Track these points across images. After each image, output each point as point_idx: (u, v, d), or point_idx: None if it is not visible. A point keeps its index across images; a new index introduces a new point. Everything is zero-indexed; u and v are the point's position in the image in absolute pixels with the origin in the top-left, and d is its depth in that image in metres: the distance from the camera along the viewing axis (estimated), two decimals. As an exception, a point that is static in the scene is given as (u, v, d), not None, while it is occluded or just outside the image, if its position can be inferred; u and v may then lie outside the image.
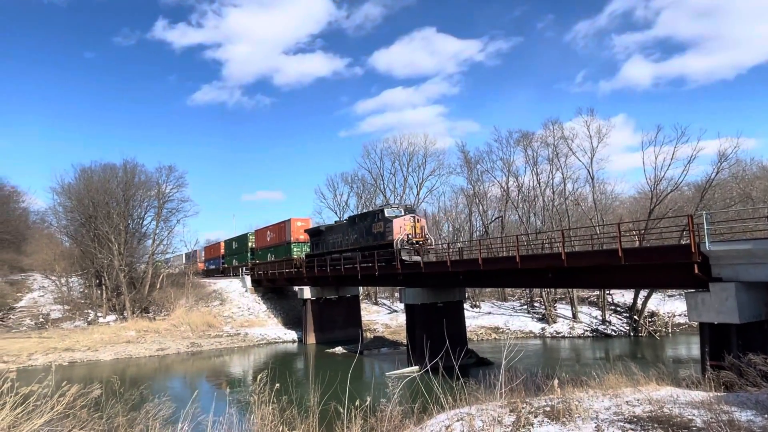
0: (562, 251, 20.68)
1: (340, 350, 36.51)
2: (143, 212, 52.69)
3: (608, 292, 44.81)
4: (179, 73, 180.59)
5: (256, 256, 56.88)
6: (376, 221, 33.91)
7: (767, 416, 7.66)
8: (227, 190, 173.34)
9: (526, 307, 48.38)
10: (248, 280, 52.84)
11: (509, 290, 51.95)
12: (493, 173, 55.40)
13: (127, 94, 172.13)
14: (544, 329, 42.50)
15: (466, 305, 39.37)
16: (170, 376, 32.29)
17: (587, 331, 41.77)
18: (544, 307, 45.06)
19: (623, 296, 46.02)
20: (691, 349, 33.23)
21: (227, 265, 66.78)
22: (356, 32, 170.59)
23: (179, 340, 40.41)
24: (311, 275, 40.82)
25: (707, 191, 39.16)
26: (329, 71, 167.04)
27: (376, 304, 55.51)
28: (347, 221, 39.73)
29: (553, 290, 44.80)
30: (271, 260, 52.10)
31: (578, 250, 26.29)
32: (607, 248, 23.79)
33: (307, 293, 42.49)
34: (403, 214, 32.66)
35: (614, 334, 41.06)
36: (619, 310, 44.72)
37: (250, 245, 58.86)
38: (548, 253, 29.84)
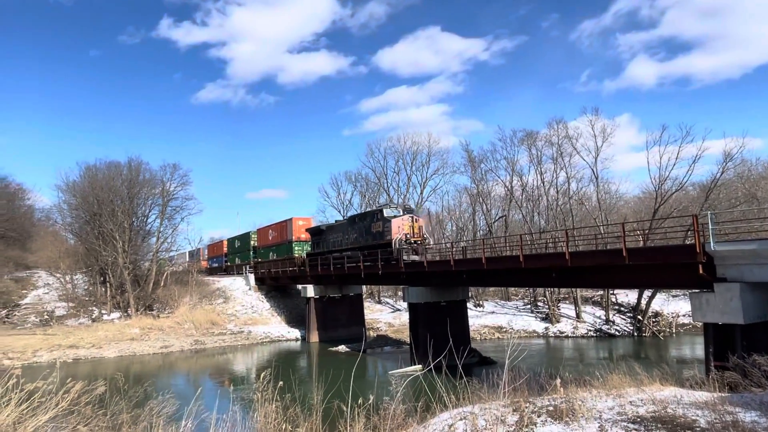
0: (566, 251, 20.65)
1: (343, 348, 36.54)
2: (147, 210, 52.86)
3: (612, 291, 44.71)
4: (184, 71, 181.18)
5: (258, 254, 57.27)
6: (375, 221, 34.27)
7: (772, 417, 7.63)
8: (231, 188, 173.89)
9: (529, 306, 48.32)
10: (252, 278, 52.98)
11: (513, 290, 51.90)
12: (497, 172, 55.35)
13: (131, 92, 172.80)
14: (547, 329, 42.44)
15: (469, 304, 39.40)
16: (174, 373, 32.40)
17: (591, 330, 41.68)
18: (547, 306, 44.98)
19: (627, 296, 45.90)
20: (695, 349, 33.12)
21: (230, 263, 67.13)
22: (360, 31, 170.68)
23: (183, 337, 40.54)
24: (315, 273, 40.88)
25: (712, 191, 38.98)
26: (333, 70, 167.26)
27: (379, 302, 55.53)
28: (347, 221, 40.04)
29: (556, 290, 44.71)
30: (272, 259, 52.40)
31: (582, 249, 26.21)
32: (611, 248, 23.76)
33: (310, 291, 42.56)
34: (401, 214, 33.02)
35: (618, 334, 40.96)
36: (622, 310, 44.61)
37: (252, 244, 59.28)
38: (552, 252, 29.76)
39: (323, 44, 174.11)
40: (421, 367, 22.48)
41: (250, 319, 46.56)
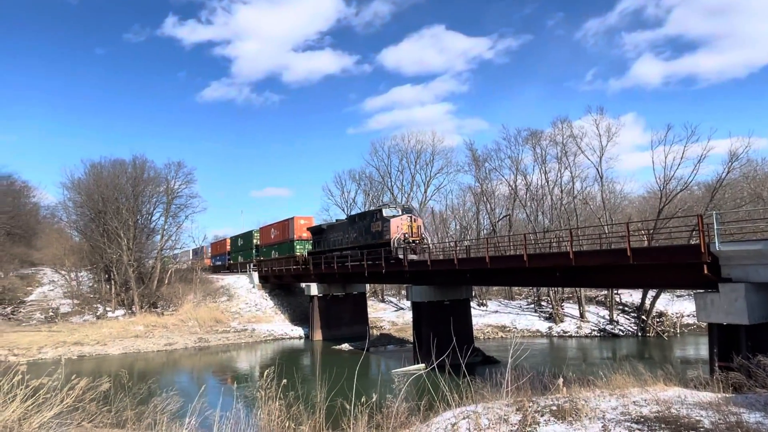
0: (570, 250, 20.59)
1: (346, 347, 36.57)
2: (152, 208, 53.10)
3: (616, 291, 44.57)
4: (189, 69, 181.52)
5: (260, 252, 57.58)
6: (374, 220, 34.83)
7: (776, 418, 7.60)
8: (235, 186, 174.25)
9: (533, 305, 48.24)
10: (255, 276, 53.12)
11: (516, 289, 51.79)
12: (501, 171, 55.18)
13: (136, 90, 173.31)
14: (551, 328, 42.35)
15: (472, 303, 39.36)
16: (178, 370, 32.50)
17: (594, 330, 41.57)
18: (551, 306, 44.89)
19: (631, 296, 45.76)
20: (699, 349, 33.01)
21: (233, 261, 67.50)
22: (365, 29, 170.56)
23: (187, 335, 40.68)
24: (318, 272, 40.94)
25: (717, 191, 38.78)
26: (338, 68, 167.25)
27: (382, 301, 55.54)
28: (348, 220, 40.63)
29: (560, 289, 44.61)
30: (274, 257, 52.68)
31: (586, 249, 26.14)
32: (615, 248, 23.66)
33: (314, 290, 42.63)
34: (400, 213, 33.62)
35: (622, 334, 40.85)
36: (627, 309, 44.48)
37: (255, 242, 59.62)
38: (556, 252, 29.67)
39: (328, 43, 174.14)
40: (424, 365, 22.49)
41: (253, 317, 46.68)
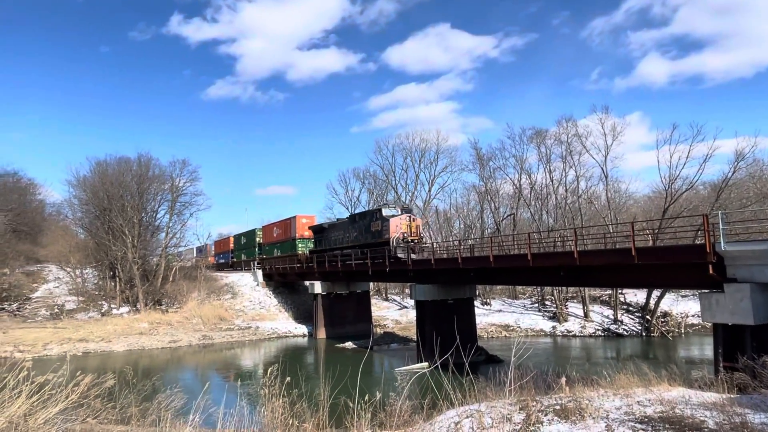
0: (574, 249, 20.55)
1: (350, 345, 36.62)
2: (157, 205, 53.29)
3: (620, 291, 44.44)
4: (194, 68, 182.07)
5: (263, 251, 57.99)
6: (374, 220, 35.39)
7: (781, 419, 7.56)
8: (240, 184, 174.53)
9: (537, 305, 48.15)
10: (260, 274, 53.26)
11: (520, 288, 51.73)
12: (505, 170, 55.10)
13: (142, 88, 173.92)
14: (554, 328, 42.27)
15: (476, 302, 39.34)
16: (182, 367, 32.62)
17: (599, 330, 41.47)
18: (555, 305, 44.80)
19: (636, 296, 45.62)
20: (704, 350, 32.88)
21: (236, 259, 67.94)
22: (370, 28, 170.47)
23: (191, 332, 40.82)
24: (322, 270, 40.99)
25: (723, 191, 38.55)
26: (342, 67, 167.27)
27: (386, 300, 55.57)
28: (348, 219, 41.10)
29: (564, 289, 44.52)
30: (277, 255, 53.02)
31: (591, 248, 26.07)
32: (620, 247, 23.61)
33: (317, 288, 42.69)
34: (399, 213, 34.30)
35: (626, 333, 40.73)
36: (631, 309, 44.35)
37: (258, 240, 60.06)
38: (560, 251, 29.64)
39: (332, 41, 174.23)
40: (427, 364, 22.51)
41: (257, 314, 46.79)
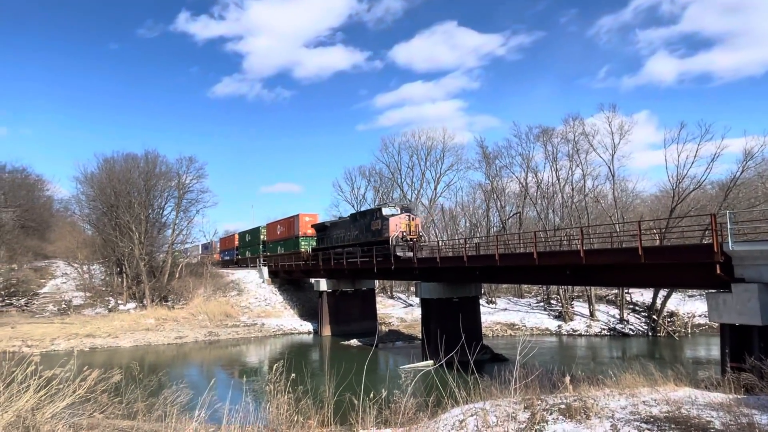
0: (580, 248, 20.45)
1: (355, 342, 36.69)
2: (163, 202, 53.58)
3: (627, 290, 44.22)
4: (201, 65, 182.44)
5: (267, 248, 58.56)
6: (374, 219, 35.94)
7: (788, 420, 7.51)
8: (246, 181, 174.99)
9: (542, 304, 48.04)
10: (265, 271, 53.43)
11: (526, 287, 51.60)
12: (511, 169, 54.95)
13: (149, 85, 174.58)
14: (560, 327, 42.16)
15: (481, 301, 39.29)
16: (188, 364, 32.78)
17: (604, 329, 41.31)
18: (560, 304, 44.67)
19: (642, 295, 45.40)
20: (710, 350, 32.69)
21: (241, 256, 68.51)
22: (376, 25, 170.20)
23: (197, 328, 41.00)
24: (327, 267, 41.06)
25: (731, 190, 38.26)
26: (349, 65, 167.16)
27: (391, 297, 55.58)
28: (350, 218, 41.52)
29: (570, 288, 44.36)
30: (280, 253, 53.50)
31: (597, 247, 25.97)
32: (626, 246, 23.49)
33: (323, 285, 42.77)
34: (399, 212, 34.90)
35: (632, 333, 40.55)
36: (637, 309, 44.15)
37: (262, 238, 60.57)
38: (567, 250, 29.53)
39: (339, 39, 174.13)
40: (432, 362, 22.50)
41: (263, 311, 46.93)
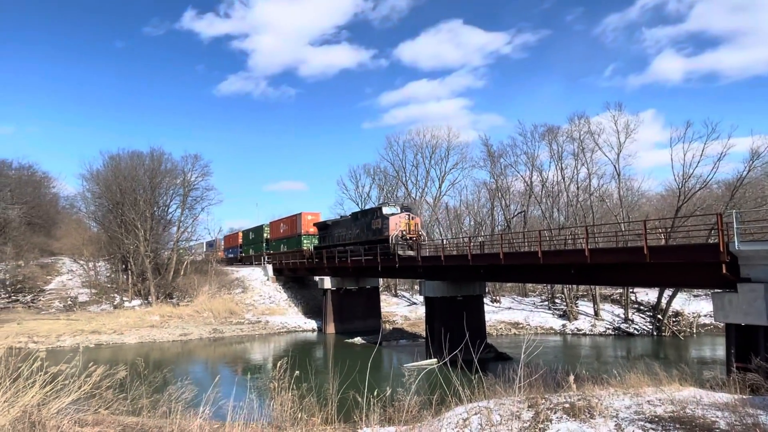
0: (585, 247, 20.40)
1: (359, 340, 36.73)
2: (169, 200, 53.75)
3: (631, 290, 44.09)
4: (206, 63, 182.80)
5: (270, 246, 59.05)
6: (375, 218, 36.47)
7: (794, 421, 7.47)
8: (251, 179, 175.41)
9: (546, 303, 47.92)
10: (270, 268, 53.56)
11: (530, 286, 51.47)
12: (516, 167, 54.85)
13: (155, 83, 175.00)
14: (564, 326, 42.07)
15: (486, 300, 39.24)
16: (192, 360, 32.89)
17: (609, 329, 41.20)
18: (565, 303, 44.57)
19: (647, 295, 45.23)
20: (716, 350, 32.55)
21: (245, 254, 68.85)
22: (382, 24, 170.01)
23: (202, 326, 41.14)
24: (332, 265, 41.11)
25: (738, 189, 38.05)
26: (354, 63, 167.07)
27: (395, 296, 55.59)
28: (351, 217, 41.93)
29: (575, 287, 44.23)
30: (283, 251, 53.87)
31: (602, 246, 25.89)
32: (632, 245, 23.40)
33: (327, 283, 42.83)
34: (399, 212, 35.45)
35: (637, 332, 40.43)
36: (642, 308, 43.99)
37: (265, 236, 60.96)
38: (571, 249, 29.45)
39: (344, 37, 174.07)
40: (436, 360, 22.46)
41: (267, 309, 47.04)
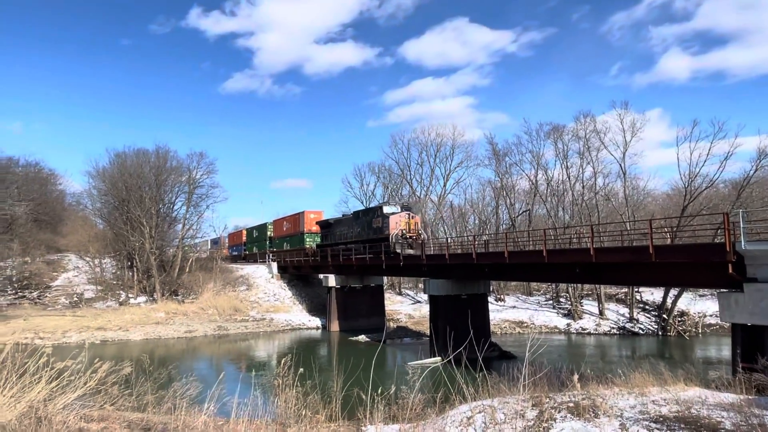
0: (590, 246, 20.34)
1: (363, 338, 36.77)
2: (174, 197, 53.92)
3: (637, 289, 43.92)
4: (212, 61, 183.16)
5: (273, 244, 59.52)
6: (375, 217, 37.06)
7: (801, 422, 7.43)
8: (256, 177, 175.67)
9: (551, 302, 47.83)
10: (274, 266, 53.70)
11: (535, 285, 51.37)
12: (521, 166, 54.74)
13: (160, 81, 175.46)
14: (569, 325, 41.97)
15: (490, 298, 39.19)
16: (197, 357, 33.03)
17: (614, 328, 41.08)
18: (570, 302, 44.45)
19: (652, 294, 45.05)
20: (721, 350, 32.41)
21: (248, 252, 69.11)
22: (387, 21, 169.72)
23: (206, 323, 41.30)
24: (336, 263, 41.17)
25: (744, 189, 37.83)
26: (359, 61, 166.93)
27: (400, 294, 55.64)
28: (352, 216, 42.38)
29: (579, 286, 44.10)
30: (286, 249, 54.21)
31: (607, 246, 25.80)
32: (637, 245, 23.30)
33: (332, 281, 42.89)
34: (399, 211, 35.92)
35: (642, 332, 40.28)
36: (647, 308, 43.82)
37: (269, 234, 61.35)
38: (576, 248, 29.36)
39: (349, 35, 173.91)
40: (440, 359, 22.47)
41: (272, 306, 47.16)
